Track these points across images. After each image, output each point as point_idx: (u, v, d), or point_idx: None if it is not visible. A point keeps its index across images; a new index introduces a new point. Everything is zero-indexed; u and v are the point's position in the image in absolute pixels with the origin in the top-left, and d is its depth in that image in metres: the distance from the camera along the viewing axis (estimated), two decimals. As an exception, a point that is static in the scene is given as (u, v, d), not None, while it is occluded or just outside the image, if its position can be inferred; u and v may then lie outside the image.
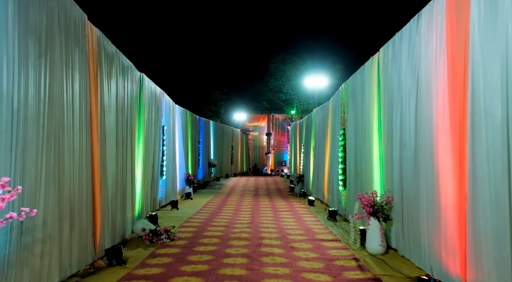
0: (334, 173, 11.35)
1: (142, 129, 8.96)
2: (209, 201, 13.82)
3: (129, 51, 8.77)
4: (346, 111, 9.96)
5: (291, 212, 11.26)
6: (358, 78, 8.81)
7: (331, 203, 11.90)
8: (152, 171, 10.27)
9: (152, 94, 10.05)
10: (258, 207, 12.33)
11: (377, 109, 7.27)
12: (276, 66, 31.73)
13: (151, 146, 9.99)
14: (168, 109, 12.54)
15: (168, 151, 12.35)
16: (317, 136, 14.97)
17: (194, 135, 18.26)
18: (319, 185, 14.16)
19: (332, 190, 11.70)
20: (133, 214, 8.08)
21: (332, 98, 12.03)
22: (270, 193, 17.23)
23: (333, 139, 11.69)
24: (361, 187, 8.35)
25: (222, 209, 11.88)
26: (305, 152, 18.01)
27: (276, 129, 40.48)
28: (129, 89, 7.76)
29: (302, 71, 30.18)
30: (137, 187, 8.49)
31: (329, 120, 12.54)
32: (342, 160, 10.07)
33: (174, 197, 13.30)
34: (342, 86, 10.47)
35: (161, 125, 11.40)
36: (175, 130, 14.02)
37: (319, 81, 18.74)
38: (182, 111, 15.63)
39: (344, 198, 10.06)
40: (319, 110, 14.68)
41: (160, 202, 11.44)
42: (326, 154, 13.03)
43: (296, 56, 30.70)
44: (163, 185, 11.74)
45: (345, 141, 10.00)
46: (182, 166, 14.96)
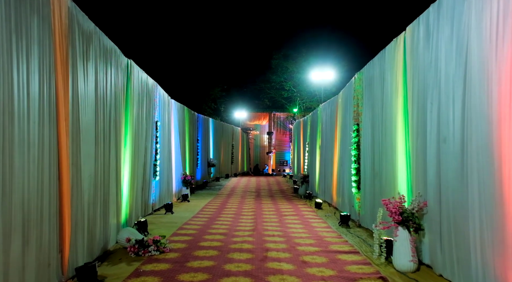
0: (345, 173, 10.28)
1: (130, 124, 7.89)
2: (207, 204, 12.75)
3: (123, 43, 7.79)
4: (360, 104, 8.88)
5: (297, 217, 10.19)
6: (375, 66, 7.74)
7: (341, 206, 10.83)
8: (143, 171, 9.20)
9: (142, 85, 8.98)
10: (261, 211, 11.26)
11: (403, 99, 6.19)
12: (278, 62, 30.66)
13: (141, 143, 8.92)
14: (162, 103, 11.47)
15: (162, 149, 11.28)
16: (324, 133, 13.89)
17: (192, 133, 17.18)
18: (326, 186, 13.09)
19: (343, 192, 10.63)
20: (118, 221, 7.01)
21: (342, 91, 10.96)
22: (273, 195, 16.16)
23: (344, 136, 10.62)
24: (380, 190, 7.28)
25: (222, 212, 10.82)
26: (310, 151, 16.94)
27: (278, 128, 39.45)
28: (113, 76, 6.69)
29: (305, 67, 29.09)
30: (123, 189, 7.42)
31: (338, 115, 11.47)
32: (355, 159, 9.00)
33: (169, 200, 12.23)
34: (355, 76, 9.40)
35: (154, 120, 10.33)
36: (171, 126, 12.95)
37: (325, 74, 17.63)
38: (179, 107, 14.56)
39: (357, 202, 8.99)
40: (326, 106, 13.62)
41: (153, 205, 10.37)
42: (334, 153, 11.97)
43: (299, 52, 29.62)
44: (156, 187, 10.67)
45: (359, 137, 8.93)
46: (179, 165, 13.89)
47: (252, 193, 16.53)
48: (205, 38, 28.99)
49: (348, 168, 9.89)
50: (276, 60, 30.66)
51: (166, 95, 12.24)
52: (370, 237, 7.54)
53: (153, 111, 10.23)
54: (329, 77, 17.62)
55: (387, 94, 6.94)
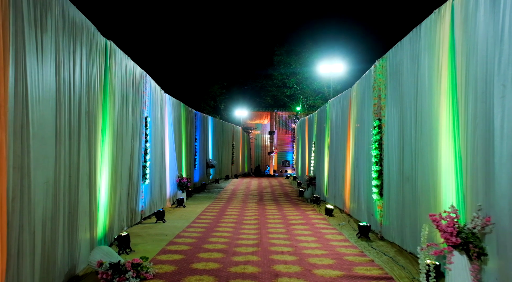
0: (362, 176, 8.98)
1: (111, 118, 6.59)
2: (205, 210, 11.45)
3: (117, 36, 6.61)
4: (382, 96, 7.58)
5: (307, 226, 8.88)
6: (405, 48, 6.43)
7: (356, 213, 9.53)
8: (129, 174, 7.91)
9: (127, 73, 7.68)
10: (265, 218, 9.96)
11: (449, 85, 4.89)
12: (281, 58, 29.38)
13: (126, 142, 7.62)
14: (154, 97, 10.17)
15: (153, 149, 9.98)
16: (333, 131, 12.59)
17: (189, 132, 15.88)
18: (337, 190, 11.78)
19: (359, 197, 9.33)
20: (92, 236, 5.70)
21: (358, 83, 9.65)
22: (277, 198, 14.85)
23: (360, 134, 9.32)
24: (412, 198, 5.97)
25: (221, 221, 9.52)
26: (317, 151, 15.63)
27: (280, 127, 38.21)
28: (85, 59, 5.39)
29: (310, 63, 27.80)
30: (100, 196, 6.11)
31: (352, 110, 10.17)
32: (377, 160, 7.69)
33: (162, 205, 10.93)
34: (375, 64, 8.10)
35: (143, 115, 9.03)
36: (164, 124, 11.65)
37: (334, 67, 16.28)
38: (174, 103, 13.26)
39: (379, 210, 7.69)
40: (336, 101, 12.31)
41: (142, 213, 9.07)
42: (347, 153, 10.67)
43: (303, 46, 28.34)
44: (146, 192, 9.37)
45: (381, 135, 7.63)
46: (174, 167, 12.59)
47: (254, 197, 15.23)
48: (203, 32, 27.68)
49: (366, 171, 8.59)
50: (279, 56, 29.37)
51: (159, 89, 10.95)
52: (399, 254, 6.24)
53: (142, 105, 8.93)
54: (339, 70, 16.29)
55: (423, 81, 5.64)
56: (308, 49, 28.07)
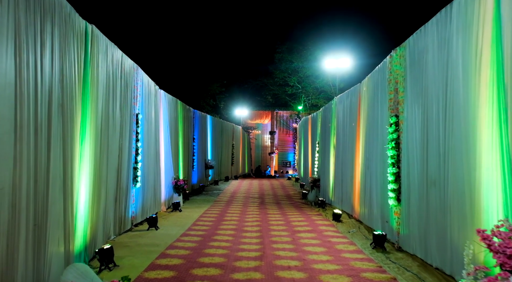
0: (374, 178, 8.16)
1: (92, 115, 5.77)
2: (202, 214, 10.63)
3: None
4: (400, 90, 6.76)
5: (315, 234, 8.06)
6: (430, 33, 5.61)
7: (367, 219, 8.71)
8: (116, 176, 7.09)
9: (114, 64, 6.86)
10: (268, 224, 9.13)
11: (493, 71, 4.06)
12: (282, 56, 28.58)
13: (113, 141, 6.80)
14: (146, 92, 9.35)
15: (146, 149, 9.16)
16: (340, 130, 11.77)
17: (187, 131, 15.06)
18: (345, 193, 10.96)
19: (370, 202, 8.51)
20: (69, 249, 4.88)
21: (369, 77, 8.83)
22: (279, 201, 14.02)
23: (371, 132, 8.51)
24: (440, 205, 5.15)
25: (219, 227, 8.69)
26: (322, 151, 14.81)
27: (281, 127, 37.34)
28: (58, 43, 4.57)
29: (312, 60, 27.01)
30: (79, 203, 5.29)
31: (363, 106, 9.35)
32: (393, 161, 6.87)
33: (156, 210, 10.11)
34: (391, 54, 7.28)
35: (134, 112, 8.21)
36: (159, 122, 10.83)
37: (340, 62, 15.40)
38: (171, 100, 12.45)
39: (396, 217, 6.87)
40: (343, 97, 11.49)
41: (132, 219, 8.25)
42: (356, 153, 9.85)
43: (305, 44, 27.54)
44: (138, 196, 8.55)
45: (399, 133, 6.81)
46: (169, 168, 11.77)
47: (255, 200, 14.40)
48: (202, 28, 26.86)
49: (380, 173, 7.77)
50: (280, 53, 28.58)
51: (153, 84, 10.13)
52: (423, 269, 5.43)
53: (132, 101, 8.11)
54: (345, 64, 15.44)
55: (455, 70, 4.82)
56: (311, 46, 27.27)
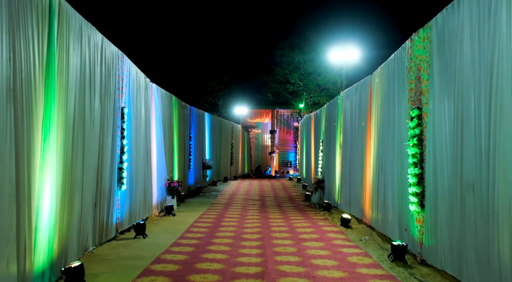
0: (390, 180, 7.24)
1: (61, 107, 4.84)
2: (198, 219, 9.70)
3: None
4: (424, 77, 5.83)
5: (323, 243, 7.13)
6: (466, 7, 4.68)
7: (381, 226, 7.79)
8: (96, 179, 6.17)
9: (91, 49, 5.93)
10: (269, 231, 8.21)
11: None
12: (283, 53, 27.66)
13: (91, 138, 5.88)
14: (135, 85, 8.43)
15: (134, 148, 8.24)
16: (348, 127, 10.85)
17: (183, 129, 14.13)
18: (353, 196, 10.04)
19: (384, 206, 7.59)
20: (24, 270, 3.95)
21: (383, 67, 7.91)
22: (281, 204, 13.10)
23: (385, 128, 7.60)
24: (482, 213, 4.22)
25: (215, 235, 7.76)
26: (326, 150, 13.88)
27: (281, 126, 36.40)
28: (5, 14, 3.65)
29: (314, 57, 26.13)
30: (41, 212, 4.35)
31: (374, 100, 8.44)
32: (416, 160, 5.94)
33: (147, 215, 9.19)
34: (411, 38, 6.35)
35: (118, 105, 7.28)
36: (151, 118, 9.91)
37: (348, 54, 14.44)
38: (164, 95, 11.53)
39: (418, 225, 5.95)
40: (351, 92, 10.56)
41: (117, 227, 7.33)
42: (367, 152, 8.94)
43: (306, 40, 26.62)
44: (124, 199, 7.63)
45: (422, 128, 5.88)
46: (162, 168, 10.84)
47: (256, 202, 13.47)
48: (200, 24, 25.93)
49: (397, 174, 6.85)
50: (281, 49, 27.66)
51: (143, 76, 9.21)
52: (457, 291, 4.50)
53: (117, 93, 7.18)
54: (353, 56, 14.49)
55: (505, 47, 3.89)
56: (313, 42, 26.37)
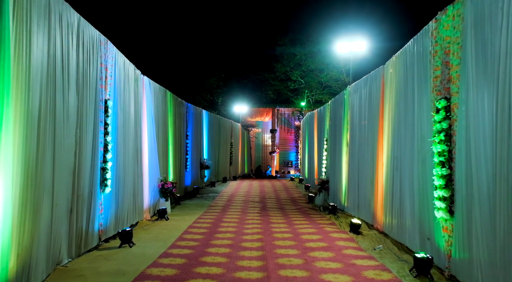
0: (408, 181, 6.41)
1: (18, 96, 4.01)
2: (193, 223, 8.87)
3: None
4: (454, 62, 5.00)
5: (333, 253, 6.29)
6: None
7: (396, 233, 6.96)
8: (72, 181, 5.34)
9: (63, 28, 5.09)
10: (272, 239, 7.37)
11: None
12: (284, 49, 26.80)
13: (64, 134, 5.05)
14: (122, 76, 7.60)
15: (121, 145, 7.41)
16: (356, 124, 10.02)
17: (179, 127, 13.30)
18: (362, 198, 9.21)
19: (401, 211, 6.76)
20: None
21: (399, 54, 7.08)
22: (283, 206, 12.26)
23: (402, 123, 6.77)
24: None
25: (211, 243, 6.93)
26: (331, 149, 13.05)
27: (282, 125, 35.55)
28: None
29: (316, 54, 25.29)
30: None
31: (388, 93, 7.62)
32: (443, 159, 5.10)
33: (137, 219, 8.37)
34: (436, 18, 5.50)
35: (101, 98, 6.44)
36: (141, 114, 9.08)
37: (355, 45, 13.54)
38: (158, 89, 10.70)
39: (445, 235, 5.12)
40: (360, 85, 9.73)
41: (100, 234, 6.49)
42: (378, 150, 8.12)
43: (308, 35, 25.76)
44: (108, 203, 6.79)
45: (451, 120, 5.05)
46: (155, 169, 10.01)
47: (256, 204, 12.63)
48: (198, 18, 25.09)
49: (417, 174, 6.01)
50: (282, 46, 26.80)
51: (132, 67, 8.38)
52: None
53: (99, 84, 6.34)
54: (360, 48, 13.59)
55: None
56: (315, 38, 25.51)
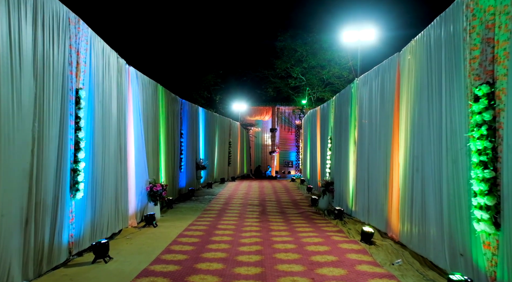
0: (432, 185, 5.43)
1: None
2: (184, 231, 7.89)
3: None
4: (502, 36, 4.02)
5: (345, 269, 5.31)
6: None
7: (418, 244, 5.97)
8: (29, 185, 4.36)
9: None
10: (272, 250, 6.39)
11: None
12: (284, 45, 25.80)
13: (13, 128, 4.08)
14: (101, 63, 6.61)
15: (98, 142, 6.43)
16: (365, 119, 9.03)
17: (172, 124, 12.32)
18: (373, 202, 8.22)
19: (423, 219, 5.79)
20: None
21: (419, 38, 6.09)
22: (284, 210, 11.28)
23: (425, 116, 5.80)
24: None
25: (202, 256, 5.94)
26: (336, 148, 12.06)
27: (282, 124, 34.55)
28: None
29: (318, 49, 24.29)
30: None
31: (405, 83, 6.66)
32: (486, 158, 4.12)
33: (120, 227, 7.39)
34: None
35: (70, 86, 5.45)
36: (126, 108, 8.11)
37: (363, 34, 12.47)
38: (147, 83, 9.72)
39: (488, 252, 4.14)
40: (370, 77, 8.75)
41: (71, 247, 5.51)
42: (393, 149, 7.15)
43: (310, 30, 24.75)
44: (80, 211, 5.81)
45: (497, 110, 4.07)
46: (143, 169, 9.03)
47: (255, 208, 11.65)
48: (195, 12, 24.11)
49: (446, 176, 5.04)
50: (282, 42, 25.79)
51: (114, 54, 7.41)
52: None
53: (68, 69, 5.36)
54: (369, 37, 12.52)
55: None
56: (316, 34, 24.53)
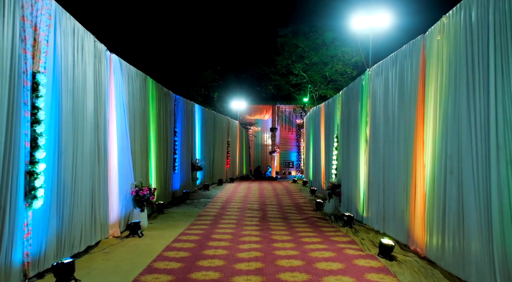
0: (475, 190, 4.40)
1: None
2: (172, 242, 6.83)
3: None
4: None
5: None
6: None
7: (452, 262, 4.93)
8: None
9: None
10: (276, 268, 5.33)
11: None
12: (285, 41, 24.76)
13: None
14: (70, 44, 5.55)
15: (66, 139, 5.36)
16: (379, 115, 8.00)
17: (164, 121, 11.27)
18: (390, 209, 7.17)
19: (462, 232, 4.76)
20: None
21: (455, 12, 5.04)
22: (287, 216, 10.21)
23: (462, 108, 4.75)
24: None
25: (190, 278, 4.88)
26: (343, 148, 11.00)
27: (282, 123, 33.48)
28: None
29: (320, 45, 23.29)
30: None
31: (431, 70, 5.61)
32: None
33: (98, 238, 6.31)
34: None
35: (24, 68, 4.39)
36: (106, 101, 7.04)
37: (375, 20, 11.34)
38: (134, 74, 8.66)
39: None
40: (386, 65, 7.71)
41: (26, 269, 4.45)
42: (416, 148, 6.11)
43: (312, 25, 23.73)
44: (40, 223, 4.75)
45: None
46: (128, 171, 7.97)
47: (255, 213, 10.58)
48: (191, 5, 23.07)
49: (497, 181, 4.00)
50: (283, 37, 24.75)
51: (91, 38, 6.36)
52: None
53: (18, 46, 4.29)
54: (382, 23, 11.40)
55: None
56: (318, 28, 23.51)
